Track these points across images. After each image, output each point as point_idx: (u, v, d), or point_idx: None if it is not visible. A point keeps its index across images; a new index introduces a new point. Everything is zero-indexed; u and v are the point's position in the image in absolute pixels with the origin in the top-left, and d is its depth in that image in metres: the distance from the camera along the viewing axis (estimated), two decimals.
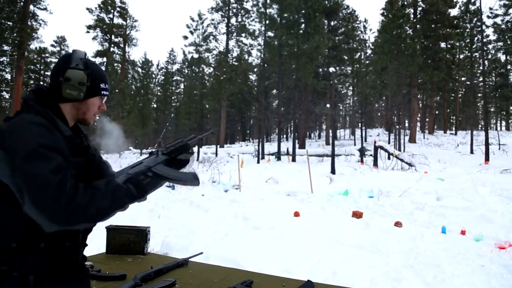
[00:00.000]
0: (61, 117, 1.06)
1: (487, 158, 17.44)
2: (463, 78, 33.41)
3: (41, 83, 43.58)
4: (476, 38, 27.21)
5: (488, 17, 28.43)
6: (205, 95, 31.63)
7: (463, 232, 5.10)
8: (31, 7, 26.09)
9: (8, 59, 30.31)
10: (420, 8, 31.69)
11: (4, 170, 0.93)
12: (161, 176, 1.08)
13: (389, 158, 15.93)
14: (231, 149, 26.18)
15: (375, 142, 15.85)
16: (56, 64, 1.14)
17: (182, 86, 53.15)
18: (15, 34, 24.71)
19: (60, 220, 0.87)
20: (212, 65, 34.56)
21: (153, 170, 1.07)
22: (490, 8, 28.49)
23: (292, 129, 40.87)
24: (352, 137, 34.35)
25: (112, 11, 36.81)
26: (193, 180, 1.12)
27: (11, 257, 0.93)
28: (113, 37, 37.21)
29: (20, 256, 0.94)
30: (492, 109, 38.55)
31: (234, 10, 34.63)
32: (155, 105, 50.09)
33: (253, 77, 41.64)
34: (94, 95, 1.13)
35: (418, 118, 32.52)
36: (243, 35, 34.72)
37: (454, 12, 32.45)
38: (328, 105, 21.38)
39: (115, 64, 36.40)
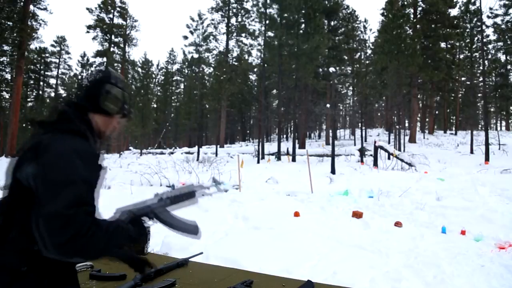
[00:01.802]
0: (92, 132, 1.13)
1: (487, 158, 17.44)
2: (463, 78, 33.43)
3: (41, 83, 43.60)
4: (476, 38, 27.22)
5: (488, 17, 28.50)
6: (205, 95, 31.64)
7: (463, 232, 5.10)
8: (31, 7, 26.07)
9: (8, 59, 30.30)
10: (420, 8, 31.69)
11: (32, 178, 0.95)
12: (164, 222, 1.15)
13: (389, 158, 15.93)
14: (231, 149, 26.17)
15: (375, 142, 15.84)
16: (92, 76, 1.20)
17: (182, 86, 53.16)
18: (15, 34, 24.69)
19: (58, 250, 0.89)
20: (212, 65, 34.58)
21: (157, 215, 1.14)
22: (490, 8, 28.56)
23: (292, 129, 40.86)
24: (352, 137, 34.36)
25: (112, 11, 36.82)
26: (194, 232, 1.20)
27: (32, 259, 0.96)
28: (113, 37, 37.22)
29: (39, 259, 0.96)
30: (492, 109, 38.58)
31: (234, 10, 34.63)
32: (155, 105, 50.08)
33: (253, 77, 41.66)
34: (120, 113, 1.20)
35: (418, 118, 32.52)
36: (243, 35, 34.73)
37: (454, 12, 32.49)
38: (328, 105, 21.39)
39: (115, 64, 36.40)
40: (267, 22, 22.55)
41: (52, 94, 45.69)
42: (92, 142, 1.09)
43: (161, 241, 4.22)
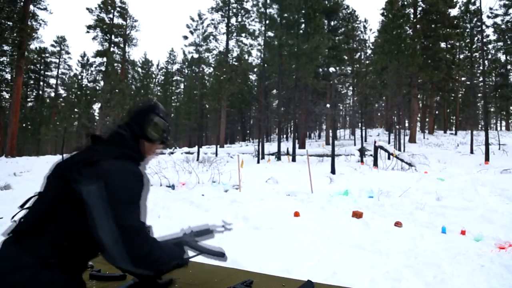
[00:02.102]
0: (140, 156, 1.30)
1: (487, 158, 17.45)
2: (463, 78, 33.44)
3: (41, 83, 43.59)
4: (476, 38, 27.22)
5: (488, 17, 28.51)
6: (205, 95, 31.64)
7: (463, 232, 5.10)
8: (31, 7, 26.09)
9: (8, 59, 30.30)
10: (420, 8, 31.70)
11: (93, 194, 1.05)
12: (196, 249, 1.40)
13: (389, 158, 15.93)
14: (231, 149, 26.16)
15: (375, 142, 15.84)
16: (142, 107, 1.36)
17: (182, 86, 53.15)
18: (15, 34, 24.70)
19: (136, 263, 1.05)
20: (212, 65, 34.58)
21: (190, 244, 1.38)
22: (490, 8, 28.58)
23: (292, 129, 40.86)
24: (352, 137, 34.35)
25: (112, 11, 36.83)
26: (221, 255, 1.45)
27: (60, 253, 1.06)
28: (113, 37, 37.23)
29: (66, 255, 1.07)
30: (492, 109, 38.58)
31: (234, 10, 34.63)
32: None
33: (253, 77, 41.66)
34: (160, 141, 1.37)
35: (418, 118, 32.51)
36: (243, 35, 34.73)
37: (454, 12, 32.49)
38: (328, 105, 21.38)
39: (115, 64, 36.40)
40: (267, 22, 22.55)
41: (52, 94, 45.70)
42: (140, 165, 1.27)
43: None
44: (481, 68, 26.71)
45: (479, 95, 32.72)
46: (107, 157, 1.13)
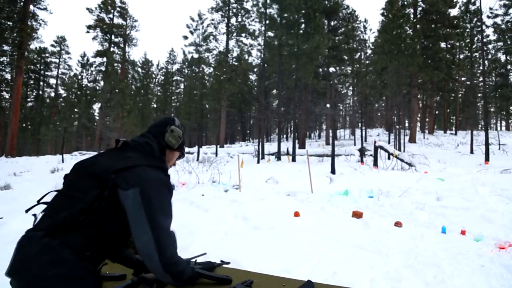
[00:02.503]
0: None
1: (487, 158, 17.45)
2: (463, 78, 33.45)
3: (41, 83, 43.57)
4: (476, 38, 27.23)
5: (488, 17, 28.49)
6: (205, 95, 31.63)
7: (463, 232, 5.10)
8: (31, 7, 26.09)
9: (8, 59, 30.29)
10: (420, 8, 31.70)
11: (130, 198, 1.15)
12: (203, 275, 1.50)
13: (389, 158, 15.93)
14: (231, 149, 26.17)
15: (375, 142, 15.84)
16: (161, 119, 1.53)
17: (182, 86, 53.15)
18: (15, 34, 24.69)
19: (165, 266, 1.17)
20: (212, 65, 34.56)
21: (197, 271, 1.47)
22: (490, 8, 28.57)
23: (292, 129, 40.86)
24: (352, 137, 34.37)
25: (112, 11, 36.83)
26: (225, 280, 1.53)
27: (94, 248, 1.15)
28: (113, 37, 37.24)
29: (97, 251, 1.17)
30: (492, 109, 38.58)
31: (234, 10, 34.63)
32: (155, 105, 50.11)
33: (253, 77, 41.66)
34: (178, 150, 1.52)
35: (418, 118, 32.51)
36: (243, 35, 34.73)
37: (454, 12, 32.53)
38: (328, 105, 21.38)
39: (115, 64, 36.39)
40: (267, 22, 22.55)
41: (52, 94, 45.70)
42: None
43: None
44: (481, 68, 26.71)
45: (479, 95, 32.73)
46: (142, 165, 1.24)
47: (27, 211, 1.27)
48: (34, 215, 1.23)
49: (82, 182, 1.20)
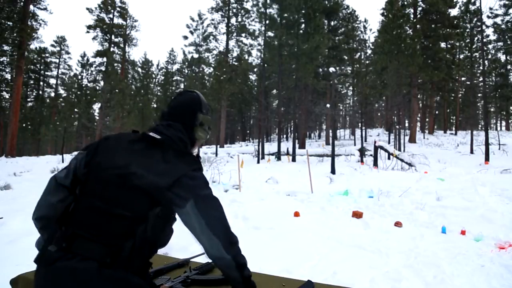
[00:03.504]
0: None
1: (487, 158, 17.45)
2: (463, 78, 33.43)
3: (41, 83, 43.54)
4: (476, 38, 27.22)
5: (488, 17, 28.49)
6: (205, 95, 31.59)
7: (463, 232, 5.10)
8: (31, 7, 26.09)
9: (8, 59, 30.29)
10: (420, 8, 31.70)
11: (187, 213, 1.10)
12: (198, 282, 1.50)
13: (389, 158, 15.93)
14: (231, 149, 26.18)
15: (375, 142, 15.84)
16: (187, 105, 1.31)
17: (182, 86, 53.12)
18: (15, 34, 24.69)
19: (227, 249, 1.13)
20: (212, 65, 34.57)
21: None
22: (490, 8, 28.56)
23: (292, 129, 40.86)
24: (352, 137, 34.36)
25: (112, 11, 36.83)
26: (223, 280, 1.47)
27: (148, 262, 1.18)
28: (113, 37, 37.23)
29: (148, 261, 1.18)
30: (492, 109, 38.57)
31: (234, 10, 34.63)
32: (155, 105, 50.08)
33: (253, 77, 41.65)
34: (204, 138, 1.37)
35: (418, 118, 32.51)
36: (243, 35, 34.73)
37: (454, 12, 32.49)
38: (328, 105, 21.37)
39: (115, 64, 36.39)
40: (267, 22, 22.56)
41: (52, 94, 45.69)
42: None
43: None
44: (481, 68, 26.70)
45: (479, 95, 32.72)
46: (187, 170, 1.13)
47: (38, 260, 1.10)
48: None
49: (126, 197, 1.06)
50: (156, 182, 1.06)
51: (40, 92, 44.59)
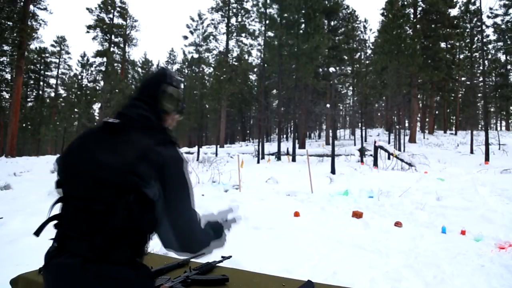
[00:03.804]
0: None
1: (487, 158, 17.45)
2: (463, 78, 33.43)
3: (41, 83, 43.55)
4: (476, 38, 27.22)
5: (488, 17, 28.49)
6: (205, 95, 31.60)
7: (463, 232, 5.10)
8: (31, 7, 26.08)
9: (8, 59, 30.29)
10: (420, 8, 31.70)
11: (157, 192, 1.05)
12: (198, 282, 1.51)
13: (389, 158, 15.93)
14: (231, 149, 26.18)
15: (375, 142, 15.84)
16: (152, 77, 1.28)
17: (182, 86, 53.12)
18: (15, 34, 24.69)
19: (189, 250, 1.12)
20: (212, 65, 34.57)
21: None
22: (490, 8, 28.57)
23: (292, 129, 40.86)
24: (352, 137, 34.36)
25: (112, 11, 36.83)
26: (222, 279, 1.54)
27: (139, 250, 1.10)
28: (113, 37, 37.23)
29: (141, 248, 1.11)
30: (492, 109, 38.58)
31: (234, 10, 34.64)
32: None
33: (253, 77, 41.65)
34: (179, 112, 1.31)
35: (418, 118, 32.52)
36: (243, 35, 34.74)
37: (454, 12, 32.51)
38: (328, 105, 21.38)
39: (115, 64, 36.41)
40: (267, 22, 22.56)
41: (52, 94, 45.70)
42: None
43: None
44: (481, 68, 26.70)
45: (479, 95, 32.72)
46: (151, 145, 1.07)
47: (37, 233, 1.12)
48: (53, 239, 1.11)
49: (96, 192, 1.05)
50: (118, 168, 1.03)
51: (40, 92, 44.59)
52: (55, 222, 1.12)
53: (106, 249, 1.02)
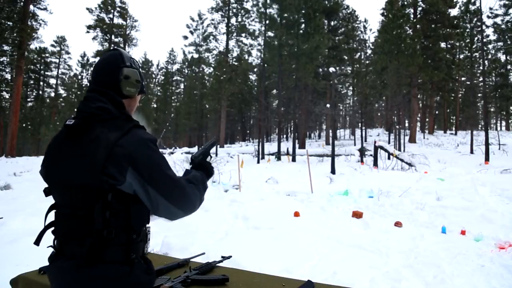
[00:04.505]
0: None
1: (487, 158, 17.45)
2: (463, 78, 33.43)
3: (41, 83, 43.53)
4: (476, 38, 27.19)
5: (488, 17, 28.47)
6: (205, 95, 31.63)
7: (463, 232, 5.10)
8: (31, 7, 26.05)
9: (8, 59, 30.27)
10: (420, 8, 31.70)
11: (134, 185, 1.05)
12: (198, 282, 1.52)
13: (389, 158, 15.93)
14: (231, 149, 26.16)
15: (375, 142, 15.84)
16: (106, 62, 1.18)
17: (182, 86, 53.15)
18: (15, 34, 24.67)
19: (190, 211, 1.14)
20: (212, 65, 34.57)
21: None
22: (490, 8, 28.55)
23: (292, 129, 40.86)
24: (352, 137, 34.36)
25: (112, 11, 36.80)
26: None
27: (133, 246, 1.09)
28: (113, 37, 37.19)
29: (136, 244, 1.10)
30: (492, 109, 38.59)
31: (234, 10, 34.62)
32: (155, 105, 50.08)
33: (253, 77, 41.65)
34: (140, 92, 1.25)
35: (418, 118, 32.51)
36: (243, 35, 34.71)
37: (454, 12, 32.51)
38: (328, 105, 21.38)
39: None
40: (267, 22, 22.56)
41: (52, 94, 45.70)
42: None
43: (161, 241, 4.22)
44: (481, 68, 26.70)
45: (479, 95, 32.72)
46: (115, 140, 1.03)
47: (36, 243, 1.14)
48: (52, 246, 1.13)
49: (77, 198, 1.06)
50: (88, 171, 1.02)
51: (40, 92, 44.59)
52: (52, 229, 1.14)
53: (97, 251, 1.03)
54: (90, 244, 1.02)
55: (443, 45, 32.20)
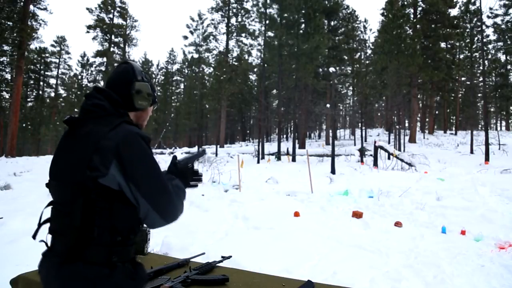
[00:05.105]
0: None
1: (487, 158, 17.45)
2: (463, 78, 33.42)
3: (41, 83, 43.53)
4: (476, 38, 27.20)
5: (488, 17, 28.47)
6: (205, 95, 31.61)
7: (463, 232, 5.10)
8: (31, 7, 26.04)
9: (8, 59, 30.26)
10: (420, 8, 31.70)
11: (118, 178, 1.03)
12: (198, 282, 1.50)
13: (389, 158, 15.93)
14: (231, 149, 26.16)
15: (375, 142, 15.85)
16: (119, 76, 1.22)
17: (182, 86, 53.15)
18: (15, 34, 24.66)
19: (173, 219, 1.09)
20: (212, 65, 34.56)
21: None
22: (490, 8, 28.54)
23: (292, 129, 40.86)
24: (352, 137, 34.36)
25: (112, 11, 36.81)
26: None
27: (116, 249, 1.06)
28: (113, 37, 37.20)
29: (122, 248, 1.07)
30: (492, 109, 38.58)
31: (234, 10, 34.61)
32: None
33: (253, 77, 41.65)
34: (152, 103, 1.29)
35: (418, 118, 32.50)
36: (243, 35, 34.71)
37: (454, 12, 32.51)
38: (328, 105, 21.38)
39: (115, 64, 36.31)
40: (267, 22, 22.55)
41: (52, 94, 45.70)
42: None
43: (161, 241, 4.22)
44: (481, 68, 26.70)
45: (479, 95, 32.72)
46: (103, 134, 1.04)
47: (33, 236, 1.15)
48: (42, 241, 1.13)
49: (65, 194, 1.07)
50: (75, 166, 1.04)
51: (40, 92, 44.58)
52: (48, 224, 1.15)
53: (78, 250, 1.03)
54: (70, 242, 1.03)
55: (443, 45, 32.19)
